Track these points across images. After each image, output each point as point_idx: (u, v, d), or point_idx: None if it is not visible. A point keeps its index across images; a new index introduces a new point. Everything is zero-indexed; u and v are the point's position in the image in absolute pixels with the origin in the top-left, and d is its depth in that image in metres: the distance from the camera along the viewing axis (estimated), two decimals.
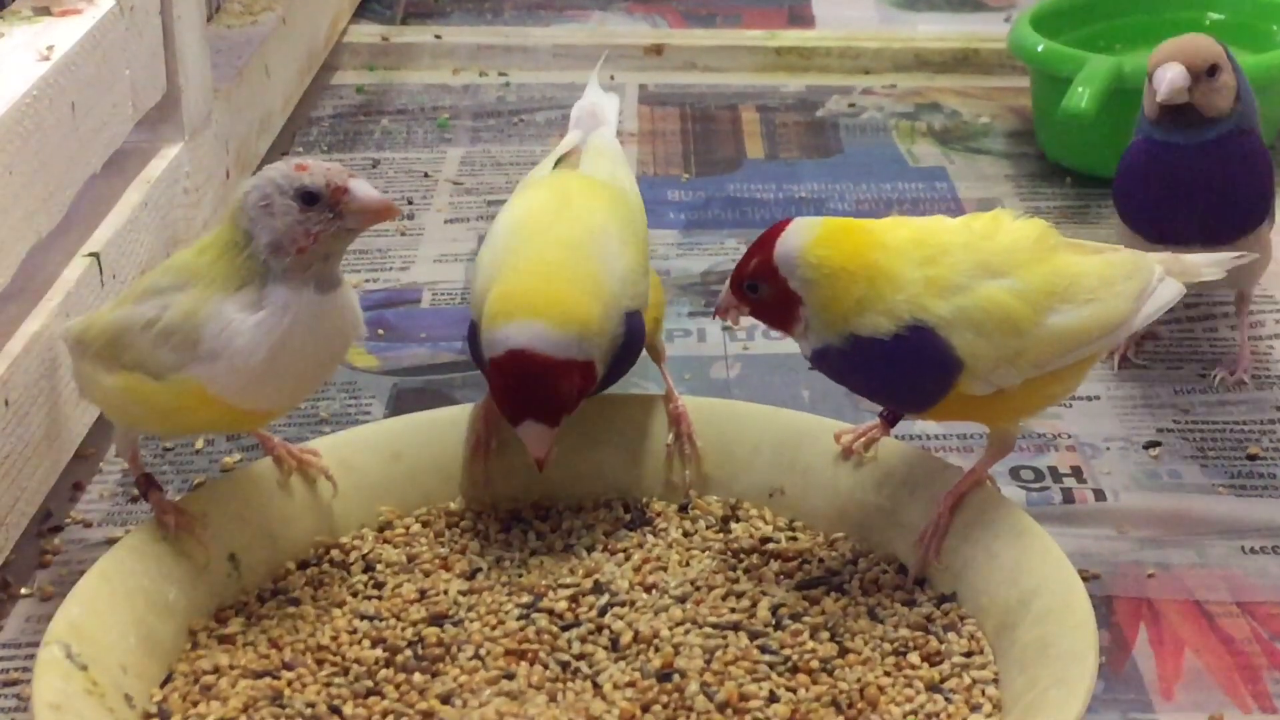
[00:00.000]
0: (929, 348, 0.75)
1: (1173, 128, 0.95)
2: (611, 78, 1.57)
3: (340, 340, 0.78)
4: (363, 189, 0.74)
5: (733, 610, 0.78)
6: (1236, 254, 0.86)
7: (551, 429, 0.80)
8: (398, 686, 0.74)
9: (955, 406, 0.77)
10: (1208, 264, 0.85)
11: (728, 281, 0.78)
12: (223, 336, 0.74)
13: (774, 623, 0.77)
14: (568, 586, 0.80)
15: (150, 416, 0.78)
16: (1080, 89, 1.20)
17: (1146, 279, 0.81)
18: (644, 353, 0.87)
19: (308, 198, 0.74)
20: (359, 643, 0.76)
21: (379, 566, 0.82)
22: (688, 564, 0.82)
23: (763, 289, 0.76)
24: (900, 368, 0.76)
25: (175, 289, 0.75)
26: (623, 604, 0.79)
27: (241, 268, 0.74)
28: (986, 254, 0.76)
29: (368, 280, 1.17)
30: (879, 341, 0.75)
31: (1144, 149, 0.98)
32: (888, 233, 0.77)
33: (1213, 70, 0.94)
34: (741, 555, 0.83)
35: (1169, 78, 0.93)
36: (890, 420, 0.85)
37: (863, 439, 0.85)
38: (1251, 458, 0.95)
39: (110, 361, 0.77)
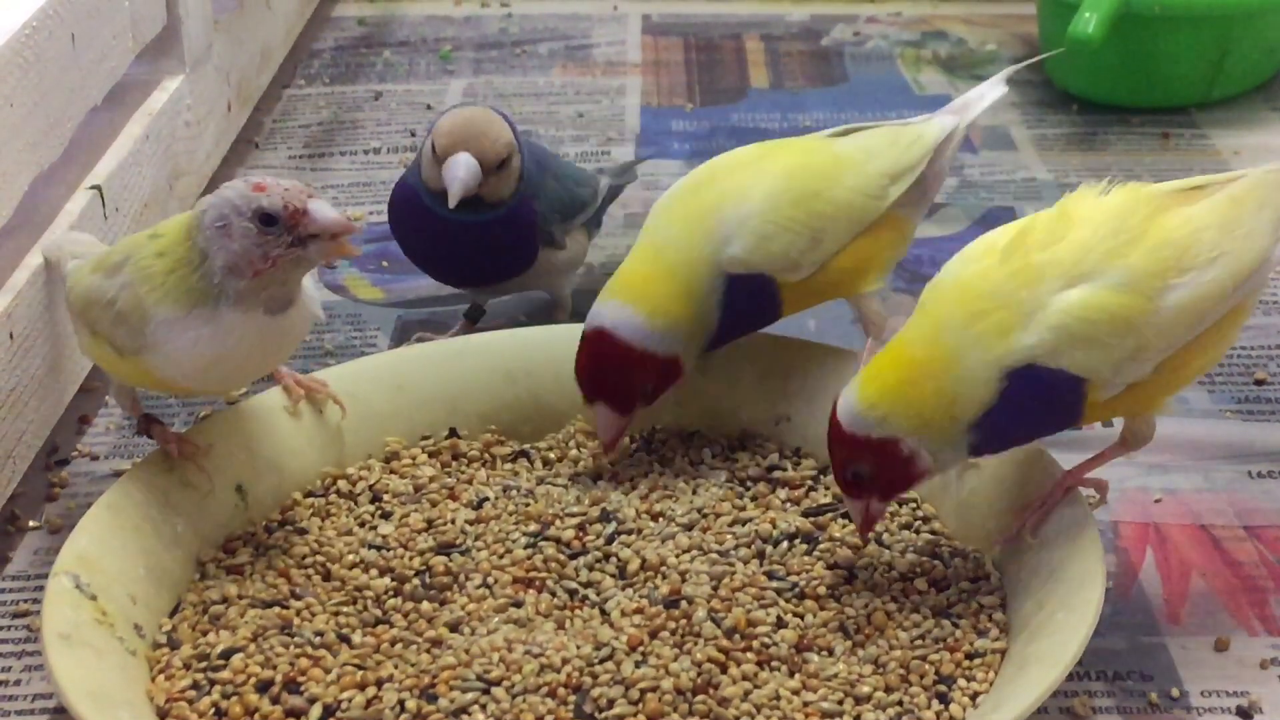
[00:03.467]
0: (1045, 381, 0.69)
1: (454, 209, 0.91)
2: (615, 8, 1.57)
3: (288, 346, 0.78)
4: (321, 210, 0.72)
5: (739, 537, 0.78)
6: None
7: (623, 417, 0.81)
8: (406, 615, 0.74)
9: (1091, 413, 0.71)
10: None
11: (855, 510, 0.73)
12: (165, 335, 0.73)
13: (781, 549, 0.77)
14: (575, 515, 0.80)
15: (127, 378, 0.79)
16: (1087, 14, 1.19)
17: None
18: None
19: (265, 219, 0.71)
20: (367, 572, 0.77)
21: (386, 497, 0.82)
22: (695, 492, 0.82)
23: (865, 465, 0.72)
24: (1031, 412, 0.70)
25: (126, 264, 0.75)
26: (630, 532, 0.79)
27: (195, 288, 0.73)
28: (1058, 262, 0.69)
29: (371, 213, 1.16)
30: (1002, 399, 0.69)
31: (422, 217, 0.94)
32: (936, 306, 0.71)
33: (503, 164, 0.91)
34: (748, 483, 0.83)
35: (461, 178, 0.89)
36: None
37: None
38: (1259, 383, 0.94)
39: (88, 325, 0.78)
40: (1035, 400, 0.70)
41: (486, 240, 0.93)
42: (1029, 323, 0.69)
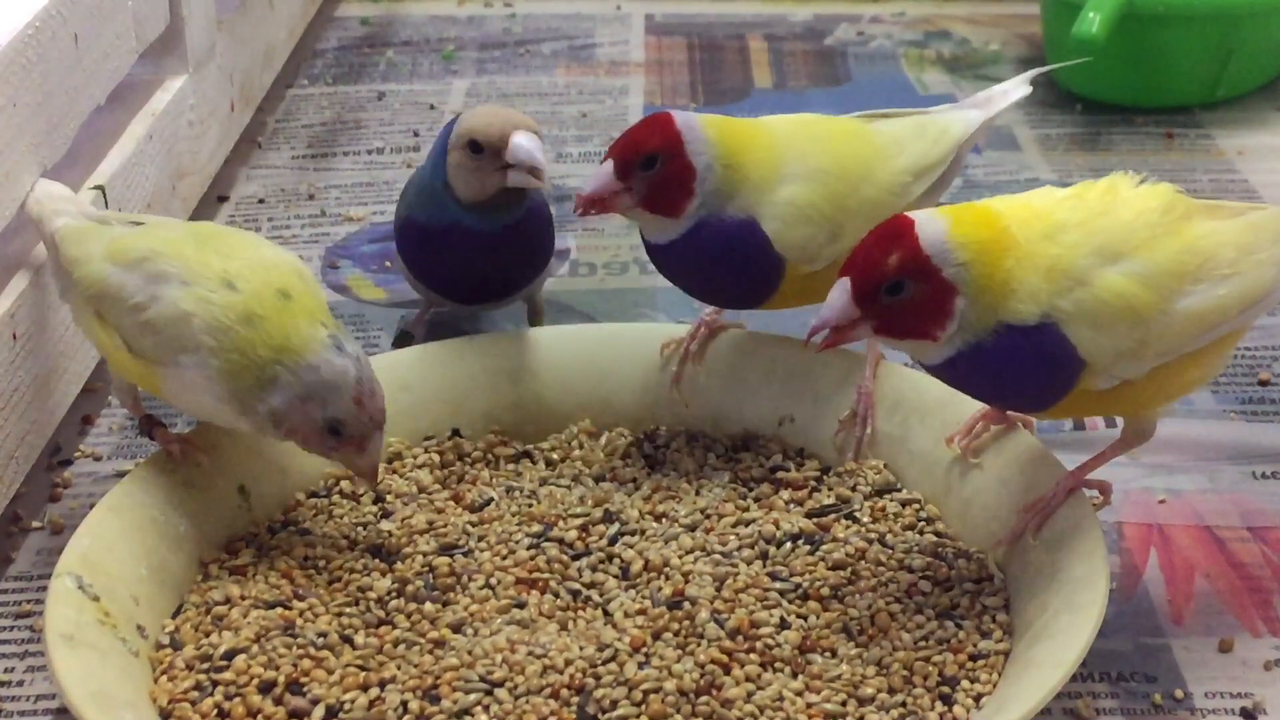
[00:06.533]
0: (1055, 343, 0.68)
1: (484, 214, 0.89)
2: (618, 7, 1.56)
3: None
4: (376, 448, 0.74)
5: (743, 538, 0.78)
6: None
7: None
8: (409, 616, 0.74)
9: (1077, 403, 0.72)
10: None
11: (840, 300, 0.68)
12: (192, 367, 0.74)
13: (784, 550, 0.77)
14: (578, 516, 0.80)
15: (128, 374, 0.79)
16: (1091, 14, 1.19)
17: None
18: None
19: (334, 428, 0.73)
20: (369, 573, 0.76)
21: (389, 497, 0.82)
22: (698, 493, 0.82)
23: (911, 287, 0.67)
24: (1030, 364, 0.69)
25: (179, 283, 0.74)
26: (633, 533, 0.79)
27: (237, 387, 0.73)
28: (1105, 234, 0.69)
29: (375, 213, 1.16)
30: (1023, 331, 0.68)
31: (461, 238, 0.90)
32: (1004, 209, 0.70)
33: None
34: (751, 483, 0.83)
35: (539, 157, 0.85)
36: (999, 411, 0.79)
37: (972, 438, 0.80)
38: (1263, 383, 0.94)
39: (96, 311, 0.77)
40: (1032, 356, 0.69)
41: (521, 242, 0.91)
42: (1073, 285, 0.68)
